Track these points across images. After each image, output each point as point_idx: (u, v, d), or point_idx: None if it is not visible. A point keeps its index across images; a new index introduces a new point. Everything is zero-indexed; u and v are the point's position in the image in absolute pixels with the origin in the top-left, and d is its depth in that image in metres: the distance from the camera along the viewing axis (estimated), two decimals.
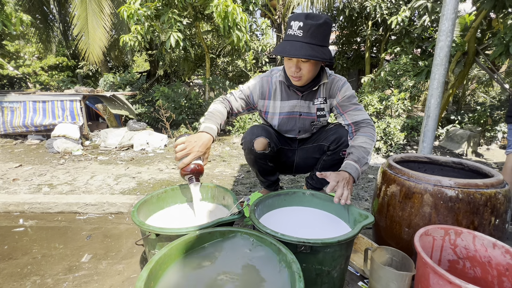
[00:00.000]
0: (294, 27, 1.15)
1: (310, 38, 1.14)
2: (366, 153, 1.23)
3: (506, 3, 3.29)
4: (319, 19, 1.13)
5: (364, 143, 1.25)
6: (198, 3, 4.14)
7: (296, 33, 1.15)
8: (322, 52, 1.16)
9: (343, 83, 1.39)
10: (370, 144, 1.25)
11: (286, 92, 1.42)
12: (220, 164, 3.17)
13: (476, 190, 0.94)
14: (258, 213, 1.15)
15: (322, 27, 1.14)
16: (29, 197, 1.96)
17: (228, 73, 8.62)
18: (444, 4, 1.74)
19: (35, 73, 7.81)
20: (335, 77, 1.39)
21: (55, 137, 3.78)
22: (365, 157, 1.22)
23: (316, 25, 1.12)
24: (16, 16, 4.21)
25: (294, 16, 1.17)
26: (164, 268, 0.80)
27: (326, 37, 1.18)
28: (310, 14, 1.15)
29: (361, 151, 1.22)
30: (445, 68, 1.80)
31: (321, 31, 1.14)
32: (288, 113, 1.46)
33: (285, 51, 1.16)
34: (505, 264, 0.82)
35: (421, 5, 4.51)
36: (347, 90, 1.38)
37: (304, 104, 1.43)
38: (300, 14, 1.15)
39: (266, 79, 1.45)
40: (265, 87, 1.44)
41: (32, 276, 1.23)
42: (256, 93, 1.45)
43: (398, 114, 4.53)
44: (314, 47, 1.14)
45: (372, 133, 1.29)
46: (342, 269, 0.97)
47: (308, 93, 1.40)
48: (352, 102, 1.37)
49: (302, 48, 1.14)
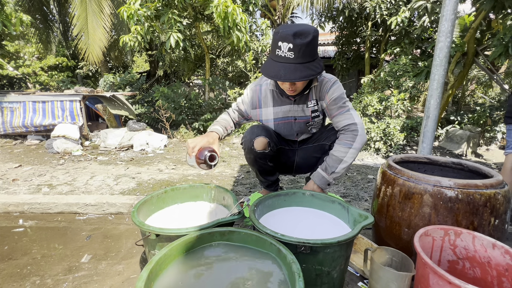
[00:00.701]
0: (284, 48, 1.12)
1: (302, 58, 1.13)
2: (337, 161, 1.29)
3: (505, 4, 3.29)
4: (307, 36, 1.10)
5: (336, 151, 1.30)
6: (198, 3, 4.14)
7: (287, 55, 1.13)
8: (315, 66, 1.17)
9: (331, 84, 1.35)
10: (343, 152, 1.29)
11: (279, 98, 1.43)
12: (219, 165, 3.17)
13: (475, 191, 0.94)
14: (258, 214, 1.15)
15: (311, 43, 1.12)
16: (29, 198, 1.96)
17: (228, 73, 8.63)
18: (444, 5, 1.74)
19: (34, 73, 7.81)
20: (324, 78, 1.37)
21: (54, 137, 3.78)
22: (333, 165, 1.29)
23: (306, 44, 1.10)
24: (16, 16, 4.21)
25: (281, 35, 1.12)
26: (164, 269, 0.80)
27: (315, 49, 1.17)
28: (297, 31, 1.10)
29: (331, 159, 1.30)
30: (445, 68, 1.80)
31: (310, 48, 1.13)
32: (283, 118, 1.47)
33: (279, 76, 1.15)
34: (505, 264, 0.82)
35: (421, 6, 4.51)
36: (334, 92, 1.34)
37: (298, 108, 1.43)
38: (287, 32, 1.10)
39: (255, 88, 1.48)
40: (255, 97, 1.48)
41: (31, 277, 1.23)
42: (247, 104, 1.50)
43: (398, 115, 4.53)
44: (307, 65, 1.14)
45: (350, 140, 1.28)
46: (342, 270, 0.97)
47: (300, 97, 1.41)
48: (338, 105, 1.34)
49: (296, 71, 1.13)
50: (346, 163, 1.28)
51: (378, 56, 7.64)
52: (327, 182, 1.30)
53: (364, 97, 4.71)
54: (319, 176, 1.31)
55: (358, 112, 4.63)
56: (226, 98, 6.30)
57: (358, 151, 1.29)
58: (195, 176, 2.69)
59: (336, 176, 1.30)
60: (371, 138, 4.22)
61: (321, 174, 1.30)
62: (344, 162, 1.28)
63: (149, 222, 1.20)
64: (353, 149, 1.28)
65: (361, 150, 1.34)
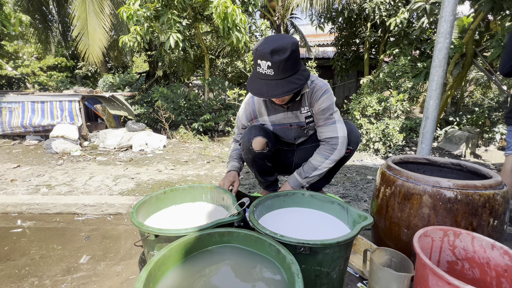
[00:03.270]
0: (263, 67, 1.14)
1: (283, 74, 1.14)
2: (312, 169, 1.39)
3: (503, 5, 3.31)
4: (285, 52, 1.10)
5: (314, 160, 1.40)
6: (198, 4, 4.15)
7: (267, 72, 1.14)
8: (297, 79, 1.18)
9: (322, 93, 1.35)
10: (319, 161, 1.38)
11: (272, 107, 1.46)
12: (219, 165, 3.16)
13: (474, 192, 0.95)
14: (258, 214, 1.15)
15: (290, 58, 1.12)
16: (27, 198, 1.95)
17: (227, 74, 8.63)
18: (443, 6, 1.75)
19: (33, 73, 7.79)
20: (315, 86, 1.37)
21: (53, 137, 3.77)
22: (308, 172, 1.39)
23: (284, 60, 1.11)
24: (15, 16, 4.20)
25: (259, 53, 1.12)
26: (163, 269, 0.80)
27: (296, 62, 1.17)
28: (274, 48, 1.10)
29: (308, 166, 1.41)
30: (444, 69, 1.81)
31: (290, 62, 1.13)
32: (279, 125, 1.50)
33: (262, 93, 1.17)
34: (504, 265, 0.83)
35: (420, 7, 4.53)
36: (323, 102, 1.35)
37: (292, 115, 1.45)
38: (264, 51, 1.10)
39: (248, 101, 1.52)
40: (249, 109, 1.51)
41: (30, 278, 1.22)
42: (244, 119, 1.55)
43: (397, 115, 4.54)
44: (288, 80, 1.16)
45: (328, 152, 1.37)
46: (341, 270, 0.97)
47: (293, 104, 1.42)
48: (325, 116, 1.36)
49: (278, 87, 1.15)
50: (320, 171, 1.39)
51: (377, 57, 7.66)
52: (300, 185, 1.42)
53: (363, 97, 4.72)
54: (293, 179, 1.42)
55: (357, 112, 4.64)
56: (225, 99, 6.31)
57: (333, 162, 1.38)
58: (194, 176, 2.69)
59: (308, 180, 1.41)
60: (370, 139, 4.22)
61: (295, 178, 1.42)
62: (318, 169, 1.39)
63: (148, 222, 1.20)
64: (329, 160, 1.37)
65: (337, 160, 1.41)
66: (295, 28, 9.72)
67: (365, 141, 4.31)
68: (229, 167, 1.55)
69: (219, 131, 5.67)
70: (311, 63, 5.47)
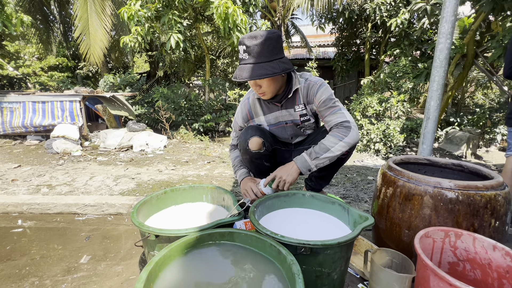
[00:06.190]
0: (241, 51, 1.21)
1: (257, 58, 1.19)
2: (323, 150, 1.26)
3: (505, 6, 3.30)
4: (259, 38, 1.18)
5: (326, 140, 1.27)
6: (199, 4, 4.15)
7: (243, 56, 1.21)
8: (272, 67, 1.19)
9: (318, 87, 1.35)
10: (332, 142, 1.25)
11: (266, 106, 1.46)
12: (219, 165, 3.16)
13: (476, 192, 0.94)
14: (258, 215, 1.15)
15: (265, 44, 1.18)
16: (28, 198, 1.95)
17: (228, 74, 8.64)
18: (444, 6, 1.75)
19: (34, 73, 7.81)
20: (310, 82, 1.37)
21: (54, 137, 3.77)
22: (319, 152, 1.26)
23: (258, 44, 1.17)
24: (17, 16, 4.21)
25: (241, 39, 1.22)
26: (163, 270, 0.80)
27: (274, 51, 1.21)
28: (253, 34, 1.19)
29: (319, 146, 1.27)
30: (445, 70, 1.81)
31: (265, 48, 1.18)
32: (275, 124, 1.50)
33: (236, 76, 1.22)
34: (505, 266, 0.82)
35: (421, 7, 4.53)
36: (323, 94, 1.34)
37: (286, 113, 1.45)
38: (245, 37, 1.20)
39: (244, 103, 1.53)
40: (244, 110, 1.52)
41: (30, 277, 1.22)
42: (240, 121, 1.54)
43: (398, 116, 4.54)
44: (261, 65, 1.19)
45: (342, 133, 1.26)
46: (342, 271, 0.96)
47: (286, 102, 1.42)
48: (328, 106, 1.34)
49: (250, 70, 1.19)
50: (331, 153, 1.25)
51: (378, 58, 7.66)
52: (308, 167, 1.28)
53: (364, 98, 4.72)
54: (301, 160, 1.29)
55: (358, 113, 4.63)
56: (226, 99, 6.31)
57: (348, 146, 1.26)
58: (194, 177, 2.69)
59: (318, 163, 1.28)
60: (371, 140, 4.22)
61: (304, 158, 1.28)
62: (330, 151, 1.25)
63: (148, 223, 1.20)
64: (343, 142, 1.25)
65: (351, 148, 1.30)
66: (296, 28, 9.72)
67: (366, 142, 4.30)
68: (240, 176, 1.52)
69: (220, 132, 5.67)
70: (312, 64, 5.47)
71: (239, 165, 1.57)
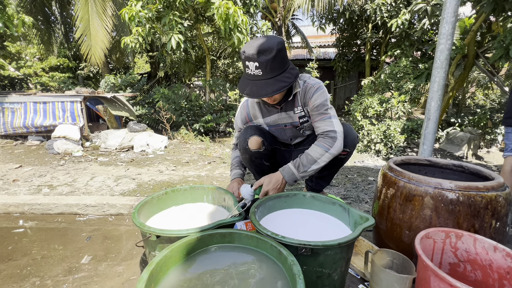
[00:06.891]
0: (252, 68, 1.17)
1: (271, 73, 1.17)
2: (311, 162, 1.29)
3: (505, 7, 3.30)
4: (271, 52, 1.14)
5: (313, 151, 1.30)
6: (199, 5, 4.16)
7: (256, 72, 1.17)
8: (286, 77, 1.19)
9: (314, 90, 1.35)
10: (319, 154, 1.29)
11: (266, 109, 1.46)
12: (220, 166, 3.17)
13: (476, 193, 0.94)
14: (259, 215, 1.15)
15: (277, 57, 1.15)
16: (29, 198, 1.96)
17: (228, 75, 8.65)
18: (444, 7, 1.75)
19: (36, 74, 7.83)
20: (308, 84, 1.38)
21: (55, 138, 3.78)
22: (307, 165, 1.29)
23: (270, 59, 1.14)
24: (18, 17, 4.22)
25: (246, 55, 1.16)
26: (164, 270, 0.80)
27: (284, 60, 1.20)
28: (260, 49, 1.13)
29: (306, 158, 1.30)
30: (446, 71, 1.81)
31: (277, 61, 1.16)
32: (274, 126, 1.51)
33: (253, 93, 1.20)
34: (506, 267, 0.82)
35: (421, 8, 4.53)
36: (317, 98, 1.34)
37: (286, 116, 1.45)
38: (251, 52, 1.14)
39: (243, 105, 1.54)
40: (244, 113, 1.53)
41: (31, 278, 1.22)
42: (240, 123, 1.56)
43: (398, 117, 4.53)
44: (277, 78, 1.18)
45: (328, 144, 1.29)
46: (342, 272, 0.96)
47: (286, 105, 1.42)
48: (320, 112, 1.34)
49: (267, 86, 1.17)
50: (318, 165, 1.29)
51: (379, 58, 7.65)
52: (295, 179, 1.32)
53: (364, 99, 4.72)
54: (289, 172, 1.31)
55: (358, 114, 4.63)
56: (226, 100, 6.32)
57: (332, 156, 1.30)
58: (195, 177, 2.69)
59: (304, 175, 1.32)
60: (371, 140, 4.22)
61: (291, 170, 1.31)
62: (317, 163, 1.29)
63: (149, 223, 1.20)
64: (328, 153, 1.28)
65: (335, 155, 1.33)
66: (297, 29, 9.73)
67: (366, 142, 4.30)
68: (232, 175, 1.57)
69: (220, 132, 5.68)
70: (312, 64, 5.47)
71: (236, 165, 1.60)
